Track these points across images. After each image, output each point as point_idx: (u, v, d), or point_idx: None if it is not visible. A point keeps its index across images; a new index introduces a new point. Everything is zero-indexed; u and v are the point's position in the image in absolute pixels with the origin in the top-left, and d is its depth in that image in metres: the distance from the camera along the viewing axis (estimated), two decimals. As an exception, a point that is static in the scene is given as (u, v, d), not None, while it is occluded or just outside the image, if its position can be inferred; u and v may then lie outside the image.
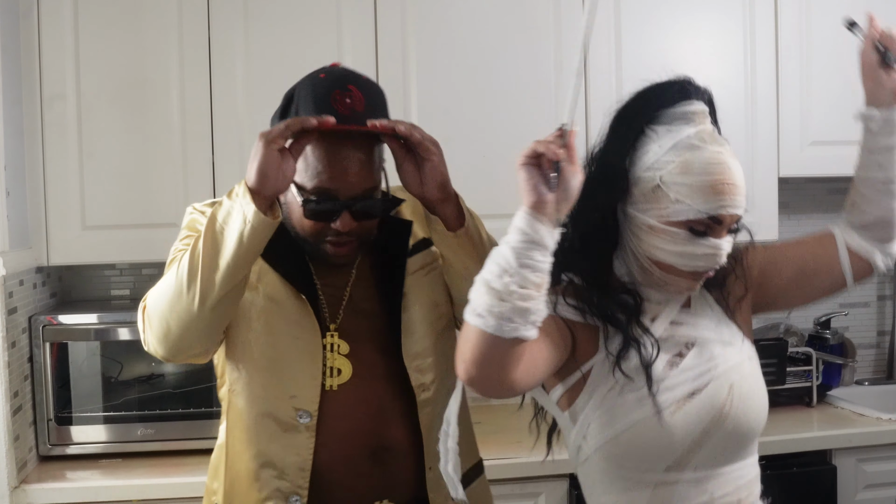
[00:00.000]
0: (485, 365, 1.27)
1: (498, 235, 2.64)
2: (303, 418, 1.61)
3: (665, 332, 1.48)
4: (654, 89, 1.49)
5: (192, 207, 1.73)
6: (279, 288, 1.63)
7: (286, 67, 2.60)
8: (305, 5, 2.59)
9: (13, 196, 2.37)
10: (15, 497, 2.27)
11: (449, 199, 1.62)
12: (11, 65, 2.41)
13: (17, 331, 2.38)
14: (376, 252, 1.71)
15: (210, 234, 1.49)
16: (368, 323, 1.68)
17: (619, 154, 1.46)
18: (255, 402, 1.64)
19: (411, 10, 2.63)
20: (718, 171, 1.39)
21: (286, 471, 1.61)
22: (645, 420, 1.41)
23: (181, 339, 1.55)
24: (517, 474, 2.42)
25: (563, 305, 1.46)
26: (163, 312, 1.53)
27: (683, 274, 1.43)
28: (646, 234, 1.44)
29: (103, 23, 2.52)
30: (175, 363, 1.62)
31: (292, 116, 1.58)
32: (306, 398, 1.61)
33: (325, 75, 1.59)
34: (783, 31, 2.80)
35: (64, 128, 2.51)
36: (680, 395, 1.43)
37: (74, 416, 2.50)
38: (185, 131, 2.55)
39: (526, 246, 1.23)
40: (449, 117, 2.64)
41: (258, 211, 1.45)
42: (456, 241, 1.63)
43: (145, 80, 2.54)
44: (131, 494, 2.31)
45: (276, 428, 1.62)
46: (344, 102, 1.54)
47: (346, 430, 1.64)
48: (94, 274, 2.90)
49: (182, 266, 1.50)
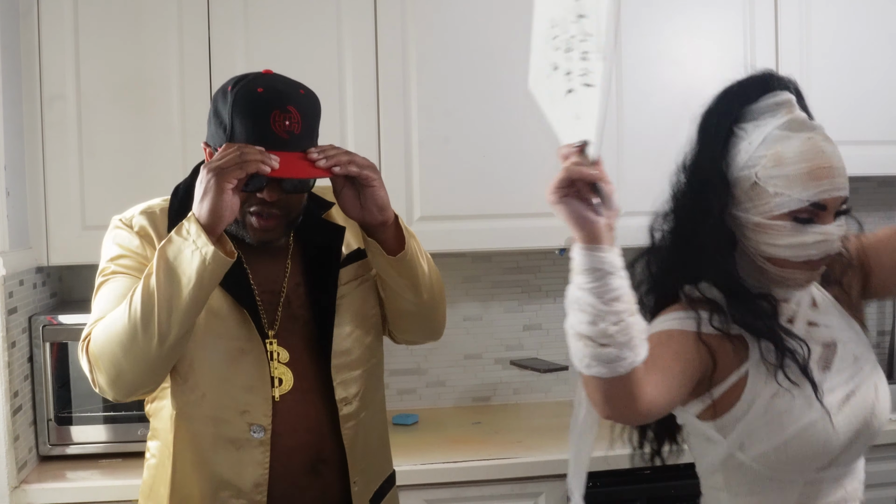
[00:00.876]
0: (615, 402, 1.29)
1: (498, 235, 2.66)
2: (256, 433, 1.59)
3: (804, 333, 1.48)
4: (735, 88, 1.51)
5: (119, 220, 1.68)
6: (219, 300, 1.60)
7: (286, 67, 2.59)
8: (305, 5, 2.59)
9: (13, 196, 2.37)
10: (15, 497, 2.27)
11: (388, 223, 1.61)
12: (11, 65, 2.41)
13: (17, 331, 2.38)
14: (309, 256, 1.70)
15: (164, 275, 1.46)
16: (302, 330, 1.67)
17: (713, 159, 1.47)
18: (206, 423, 1.61)
19: (411, 10, 2.63)
20: (812, 156, 1.40)
21: (243, 489, 1.59)
22: (815, 423, 1.42)
23: (136, 381, 1.53)
24: (517, 474, 2.42)
25: (706, 324, 1.45)
26: (114, 355, 1.50)
27: (799, 266, 1.42)
28: (754, 232, 1.43)
29: (103, 23, 2.52)
30: (124, 402, 1.61)
31: (229, 132, 1.56)
32: (258, 412, 1.60)
33: (263, 90, 1.56)
34: (783, 31, 2.80)
35: (64, 128, 2.51)
36: (840, 396, 1.44)
37: (74, 416, 2.50)
38: (185, 131, 2.55)
39: (601, 283, 1.21)
40: (449, 117, 2.64)
41: (217, 251, 1.45)
42: (395, 264, 1.62)
43: (145, 79, 2.54)
44: (131, 494, 2.31)
45: (230, 446, 1.60)
46: (283, 124, 1.53)
47: (292, 442, 1.62)
48: (94, 274, 2.87)
49: (134, 308, 1.47)
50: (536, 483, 2.43)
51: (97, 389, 1.56)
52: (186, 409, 1.61)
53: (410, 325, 1.77)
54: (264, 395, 1.60)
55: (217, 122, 1.59)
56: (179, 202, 1.66)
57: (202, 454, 1.61)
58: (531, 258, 3.08)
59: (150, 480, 1.68)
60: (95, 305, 1.61)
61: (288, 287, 1.67)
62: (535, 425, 2.82)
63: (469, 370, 3.07)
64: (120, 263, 1.62)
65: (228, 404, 1.60)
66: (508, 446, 2.54)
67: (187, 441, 1.61)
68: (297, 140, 1.55)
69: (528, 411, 3.00)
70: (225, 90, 1.59)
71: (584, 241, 1.21)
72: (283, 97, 1.56)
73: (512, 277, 3.09)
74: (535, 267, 3.09)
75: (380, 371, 1.79)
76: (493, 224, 2.69)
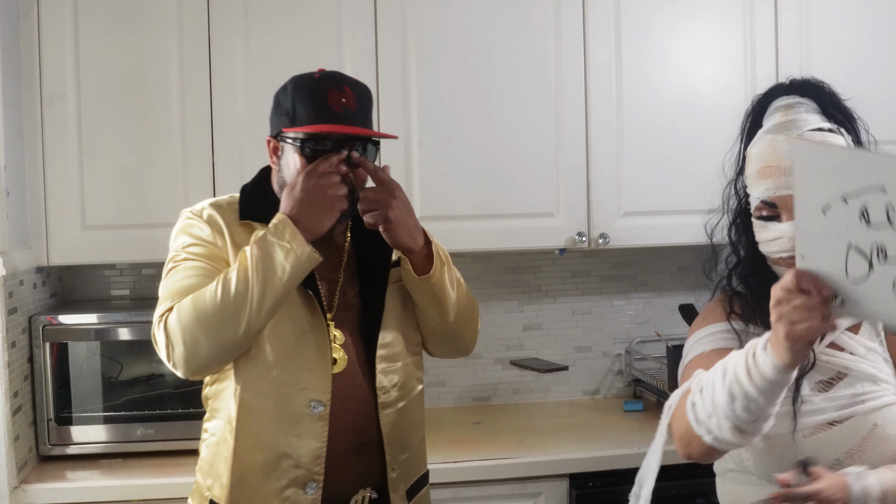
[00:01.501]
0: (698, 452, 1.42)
1: (498, 235, 2.66)
2: (316, 408, 1.70)
3: (822, 352, 1.48)
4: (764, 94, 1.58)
5: (190, 212, 1.78)
6: None
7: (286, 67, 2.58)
8: (305, 5, 2.59)
9: (13, 196, 2.37)
10: (15, 497, 2.27)
11: (415, 250, 1.73)
12: (11, 65, 2.41)
13: (17, 331, 2.38)
14: (363, 253, 1.81)
15: (261, 267, 1.59)
16: (354, 317, 1.79)
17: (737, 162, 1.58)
18: (270, 398, 1.70)
19: (411, 10, 2.63)
20: (764, 156, 1.47)
21: (302, 460, 1.69)
22: (780, 436, 1.43)
23: (211, 360, 1.64)
24: (517, 474, 2.42)
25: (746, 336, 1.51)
26: (196, 335, 1.60)
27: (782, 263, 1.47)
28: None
29: (103, 22, 2.52)
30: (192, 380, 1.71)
31: (291, 116, 1.69)
32: (319, 389, 1.70)
33: (319, 75, 1.72)
34: (783, 31, 2.80)
35: (64, 128, 2.51)
36: (820, 421, 1.44)
37: (74, 416, 2.50)
38: (185, 131, 2.55)
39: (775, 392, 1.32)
40: (449, 117, 2.64)
41: (312, 251, 1.61)
42: (420, 283, 1.74)
43: (145, 80, 2.54)
44: (131, 494, 2.31)
45: (291, 420, 1.69)
46: (339, 101, 1.67)
47: (341, 422, 1.73)
48: (94, 274, 2.90)
49: (226, 294, 1.59)
50: (536, 483, 2.43)
51: (170, 364, 1.66)
52: (251, 386, 1.70)
53: (437, 341, 1.90)
54: (325, 374, 1.71)
55: (279, 112, 1.74)
56: (248, 197, 1.78)
57: (265, 428, 1.70)
58: (531, 258, 3.08)
59: (210, 457, 1.76)
60: (166, 287, 1.70)
61: (343, 277, 1.79)
62: (535, 425, 2.82)
63: (469, 370, 3.07)
64: (190, 251, 1.72)
65: (291, 381, 1.70)
66: (508, 446, 2.54)
67: (251, 416, 1.71)
68: (353, 116, 1.68)
69: (528, 411, 2.99)
70: (285, 86, 1.74)
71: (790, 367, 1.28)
72: (337, 78, 1.72)
73: (512, 277, 3.09)
74: (535, 267, 3.09)
75: (419, 370, 1.89)
76: (493, 224, 2.69)
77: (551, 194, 2.69)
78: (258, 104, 2.55)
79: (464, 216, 2.65)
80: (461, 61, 2.66)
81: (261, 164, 1.85)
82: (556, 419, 2.87)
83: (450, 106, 2.65)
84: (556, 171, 2.69)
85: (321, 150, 1.67)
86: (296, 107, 1.68)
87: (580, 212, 2.70)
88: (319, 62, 1.89)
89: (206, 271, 1.67)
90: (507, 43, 2.67)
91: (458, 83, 2.66)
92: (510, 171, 2.68)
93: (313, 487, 1.69)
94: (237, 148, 2.55)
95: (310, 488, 1.69)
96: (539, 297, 3.10)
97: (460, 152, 2.66)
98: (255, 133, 2.56)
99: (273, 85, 1.77)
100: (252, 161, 2.54)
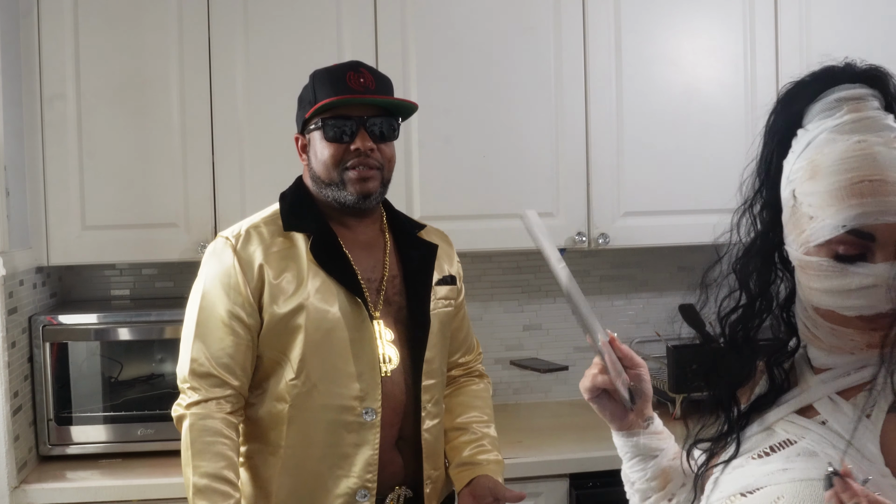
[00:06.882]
0: None
1: (498, 235, 2.66)
2: (368, 415, 1.72)
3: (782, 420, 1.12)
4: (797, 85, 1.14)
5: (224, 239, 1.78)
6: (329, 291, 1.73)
7: (286, 67, 2.60)
8: (305, 5, 2.59)
9: (13, 196, 2.37)
10: (15, 497, 2.27)
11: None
12: (11, 65, 2.41)
13: (17, 331, 2.38)
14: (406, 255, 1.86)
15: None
16: (397, 314, 1.81)
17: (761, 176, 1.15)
18: (319, 411, 1.72)
19: (411, 10, 2.63)
20: (854, 165, 1.02)
21: (354, 468, 1.71)
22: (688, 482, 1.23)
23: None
24: (517, 474, 2.41)
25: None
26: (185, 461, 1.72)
27: (851, 322, 1.05)
28: (798, 273, 1.11)
29: (103, 22, 2.52)
30: None
31: (312, 101, 1.75)
32: (370, 396, 1.72)
33: (337, 64, 1.80)
34: (783, 31, 2.80)
35: (64, 128, 2.51)
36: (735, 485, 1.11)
37: (74, 416, 2.50)
38: (185, 131, 2.55)
39: (642, 466, 1.29)
40: (449, 117, 2.64)
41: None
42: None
43: (145, 80, 2.54)
44: (131, 494, 2.31)
45: (343, 430, 1.72)
46: (358, 81, 1.73)
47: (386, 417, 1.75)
48: (94, 274, 2.89)
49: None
50: (536, 483, 2.43)
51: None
52: (299, 402, 1.72)
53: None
54: (375, 381, 1.73)
55: (302, 105, 1.81)
56: (289, 208, 1.82)
57: (314, 439, 1.73)
58: (531, 258, 3.08)
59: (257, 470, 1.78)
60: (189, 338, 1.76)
61: (387, 277, 1.83)
62: (535, 425, 2.82)
63: (469, 370, 3.07)
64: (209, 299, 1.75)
65: (341, 392, 1.73)
66: (508, 446, 2.53)
67: (301, 431, 1.73)
68: (373, 93, 1.74)
69: (528, 411, 2.99)
70: (306, 84, 1.81)
71: (619, 429, 1.28)
72: (356, 63, 1.80)
73: (512, 277, 3.09)
74: (535, 267, 3.09)
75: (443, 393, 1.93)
76: (493, 224, 2.68)
77: (551, 194, 2.69)
78: (258, 104, 2.55)
79: (464, 216, 2.65)
80: (461, 62, 2.66)
81: (261, 163, 1.86)
82: (556, 419, 2.87)
83: (450, 106, 2.65)
84: (556, 171, 2.69)
85: (344, 128, 1.71)
86: (316, 93, 1.74)
87: (580, 212, 2.70)
88: (319, 62, 1.90)
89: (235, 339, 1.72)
90: (507, 43, 2.67)
91: (458, 83, 2.66)
92: (510, 171, 2.68)
93: (364, 495, 1.72)
94: (237, 148, 2.55)
95: (361, 496, 1.72)
96: (539, 297, 3.10)
97: (460, 152, 2.66)
98: (255, 133, 2.56)
99: (273, 85, 1.78)
100: (252, 161, 2.55)
